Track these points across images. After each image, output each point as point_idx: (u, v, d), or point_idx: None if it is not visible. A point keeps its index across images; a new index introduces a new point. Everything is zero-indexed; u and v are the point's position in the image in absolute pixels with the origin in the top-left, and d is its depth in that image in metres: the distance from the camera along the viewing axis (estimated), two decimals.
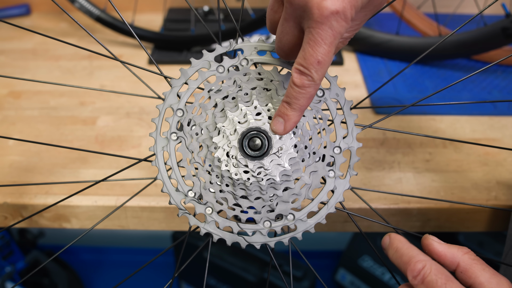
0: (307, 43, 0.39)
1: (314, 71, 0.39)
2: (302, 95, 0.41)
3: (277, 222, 0.48)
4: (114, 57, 0.52)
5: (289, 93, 0.41)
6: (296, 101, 0.41)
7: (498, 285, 0.38)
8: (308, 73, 0.39)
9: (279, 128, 0.43)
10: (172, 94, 0.47)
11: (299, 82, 0.40)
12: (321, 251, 1.48)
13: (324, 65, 0.39)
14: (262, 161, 0.45)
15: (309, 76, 0.39)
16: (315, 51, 0.38)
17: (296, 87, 0.40)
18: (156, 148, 0.48)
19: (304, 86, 0.40)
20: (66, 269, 1.39)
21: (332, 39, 0.38)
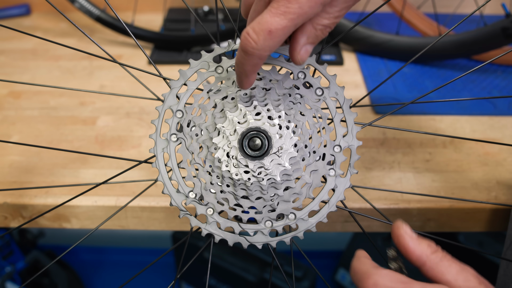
0: (268, 10, 0.37)
1: (262, 38, 0.36)
2: (245, 61, 0.39)
3: (278, 221, 0.48)
4: (113, 60, 0.52)
5: (237, 54, 0.39)
6: (241, 65, 0.39)
7: (465, 281, 0.37)
8: (254, 38, 0.37)
9: (237, 83, 0.42)
10: (171, 95, 0.47)
11: (243, 46, 0.37)
12: (321, 251, 1.48)
13: (275, 37, 0.36)
14: (263, 161, 0.45)
15: (253, 42, 0.37)
16: (272, 19, 0.36)
17: (241, 51, 0.38)
18: (156, 150, 0.48)
19: (248, 52, 0.38)
20: (66, 269, 1.39)
21: (296, 15, 0.36)
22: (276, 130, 0.45)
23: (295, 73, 0.46)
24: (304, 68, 0.46)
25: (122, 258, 1.54)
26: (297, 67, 0.46)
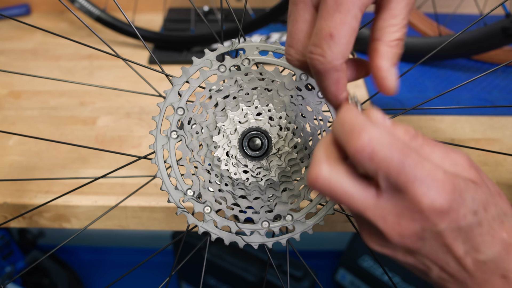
0: (319, 17, 0.32)
1: (326, 47, 0.32)
2: (324, 82, 0.34)
3: (275, 222, 0.48)
4: (116, 55, 0.52)
5: (316, 81, 0.35)
6: (324, 91, 0.35)
7: (452, 166, 0.32)
8: (318, 51, 0.32)
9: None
10: (173, 92, 0.47)
11: (312, 65, 0.33)
12: (321, 251, 1.48)
13: (340, 38, 0.31)
14: (262, 161, 0.45)
15: (319, 56, 0.32)
16: (326, 22, 0.31)
17: (315, 75, 0.34)
18: (156, 146, 0.48)
19: (320, 72, 0.33)
20: (66, 269, 1.39)
21: (350, 5, 0.31)
22: (276, 130, 0.45)
23: (298, 75, 0.46)
24: None
25: (122, 258, 1.54)
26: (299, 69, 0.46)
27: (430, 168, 0.31)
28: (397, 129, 0.33)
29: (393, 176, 0.30)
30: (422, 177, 0.30)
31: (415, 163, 0.30)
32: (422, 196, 0.30)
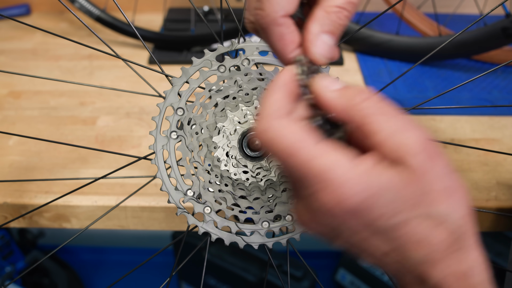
0: None
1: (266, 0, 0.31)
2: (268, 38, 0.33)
3: (275, 222, 0.48)
4: (116, 55, 0.52)
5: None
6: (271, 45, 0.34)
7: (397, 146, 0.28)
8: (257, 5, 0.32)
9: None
10: (173, 92, 0.47)
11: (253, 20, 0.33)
12: (321, 251, 1.48)
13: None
14: (262, 161, 0.45)
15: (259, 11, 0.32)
16: None
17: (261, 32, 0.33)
18: (156, 147, 0.48)
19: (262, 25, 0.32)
20: (66, 269, 1.39)
21: None
22: None
23: None
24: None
25: (122, 258, 1.54)
26: None
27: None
28: (345, 92, 0.30)
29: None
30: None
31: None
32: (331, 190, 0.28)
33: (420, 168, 0.28)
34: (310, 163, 0.28)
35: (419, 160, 0.28)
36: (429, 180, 0.28)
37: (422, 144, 0.29)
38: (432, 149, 0.29)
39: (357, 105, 0.29)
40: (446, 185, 0.29)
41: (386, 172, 0.28)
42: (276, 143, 0.29)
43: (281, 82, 0.31)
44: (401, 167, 0.28)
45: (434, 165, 0.29)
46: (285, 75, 0.32)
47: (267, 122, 0.30)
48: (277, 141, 0.29)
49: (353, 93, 0.30)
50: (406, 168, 0.28)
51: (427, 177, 0.28)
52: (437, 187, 0.29)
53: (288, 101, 0.31)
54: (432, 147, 0.29)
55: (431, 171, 0.29)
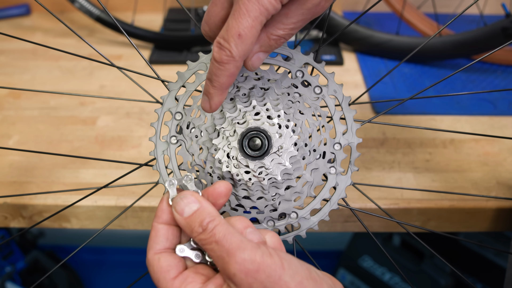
0: (232, 15, 0.37)
1: (233, 44, 0.37)
2: (221, 72, 0.39)
3: (280, 221, 0.48)
4: (111, 63, 0.52)
5: (210, 69, 0.39)
6: (216, 78, 0.39)
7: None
8: (227, 46, 0.37)
9: (205, 106, 0.42)
10: (170, 97, 0.47)
11: (217, 57, 0.38)
12: (321, 251, 1.48)
13: (246, 40, 0.37)
14: (263, 160, 0.45)
15: (227, 51, 0.37)
16: (237, 23, 0.36)
17: (216, 63, 0.38)
18: (157, 152, 0.48)
19: (223, 62, 0.38)
20: (66, 269, 1.39)
21: (258, 13, 0.36)
22: (275, 129, 0.44)
23: (293, 72, 0.46)
24: (302, 66, 0.46)
25: (122, 258, 1.54)
26: (295, 66, 0.46)
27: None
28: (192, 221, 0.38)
29: None
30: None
31: None
32: None
33: (244, 285, 0.34)
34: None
35: (239, 279, 0.34)
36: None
37: (239, 265, 0.34)
38: (249, 265, 0.34)
39: (195, 237, 0.38)
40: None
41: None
42: (150, 272, 0.39)
43: (158, 213, 0.41)
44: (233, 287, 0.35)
45: (254, 279, 0.34)
46: (161, 204, 0.41)
47: (147, 255, 0.39)
48: (150, 270, 0.39)
49: (194, 224, 0.38)
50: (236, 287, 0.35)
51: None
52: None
53: (165, 236, 0.40)
54: (248, 263, 0.34)
55: (254, 285, 0.34)
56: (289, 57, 0.46)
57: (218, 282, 0.36)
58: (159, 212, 0.41)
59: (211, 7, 0.40)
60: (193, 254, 0.40)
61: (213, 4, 0.40)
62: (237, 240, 0.36)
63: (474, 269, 1.17)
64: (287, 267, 0.34)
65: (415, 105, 0.85)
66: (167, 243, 0.40)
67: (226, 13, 0.39)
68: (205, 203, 0.39)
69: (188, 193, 0.40)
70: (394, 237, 1.25)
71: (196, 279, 0.37)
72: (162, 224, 0.40)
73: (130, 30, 1.02)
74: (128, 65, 0.98)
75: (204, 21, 0.41)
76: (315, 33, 1.06)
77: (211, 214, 0.38)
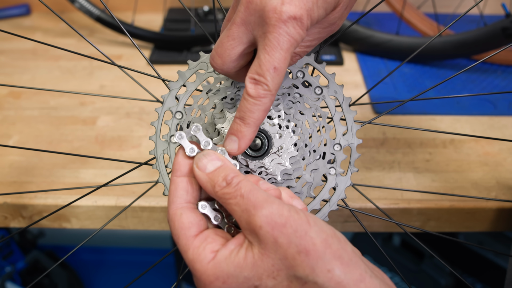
0: (263, 49, 0.36)
1: (270, 78, 0.36)
2: (258, 107, 0.38)
3: None
4: (112, 62, 0.52)
5: (243, 106, 0.38)
6: (251, 114, 0.38)
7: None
8: (264, 81, 0.36)
9: (233, 147, 0.40)
10: (171, 97, 0.47)
11: (254, 93, 0.37)
12: None
13: (281, 72, 0.36)
14: (263, 160, 0.45)
15: (264, 85, 0.36)
16: (271, 57, 0.36)
17: (251, 99, 0.37)
18: (157, 152, 0.48)
19: (260, 97, 0.37)
20: (66, 269, 1.39)
21: (289, 45, 0.36)
22: (275, 129, 0.44)
23: (294, 73, 0.46)
24: (303, 67, 0.46)
25: (122, 258, 1.54)
26: (296, 66, 0.46)
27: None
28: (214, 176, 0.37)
29: None
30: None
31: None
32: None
33: (269, 239, 0.33)
34: (184, 254, 0.37)
35: (265, 232, 0.33)
36: (281, 247, 0.33)
37: (267, 217, 0.33)
38: (276, 218, 0.33)
39: (217, 192, 0.36)
40: (299, 248, 0.33)
41: (240, 254, 0.34)
42: (171, 227, 0.38)
43: (176, 166, 0.39)
44: (255, 243, 0.34)
45: (280, 233, 0.33)
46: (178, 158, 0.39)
47: (169, 209, 0.38)
48: (171, 226, 0.38)
49: (216, 179, 0.37)
50: (259, 242, 0.34)
51: (278, 245, 0.33)
52: (290, 252, 0.33)
53: (185, 189, 0.39)
54: (276, 216, 0.33)
55: (280, 239, 0.33)
56: None
57: (238, 242, 0.35)
58: (176, 166, 0.39)
59: (227, 41, 0.38)
60: (213, 215, 0.39)
61: (229, 38, 0.38)
62: (263, 194, 0.35)
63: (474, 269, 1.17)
64: (313, 223, 0.34)
65: (415, 105, 0.85)
66: (187, 196, 0.39)
67: (243, 49, 0.39)
68: (228, 161, 0.39)
69: (211, 151, 0.39)
70: (394, 237, 1.25)
71: (216, 240, 0.36)
72: (181, 177, 0.39)
73: (130, 30, 1.02)
74: (128, 65, 0.98)
75: (217, 54, 0.39)
76: None
77: (234, 170, 0.37)
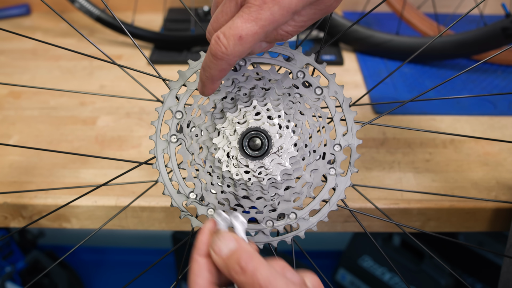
0: (240, 15, 0.36)
1: (232, 43, 0.36)
2: (214, 65, 0.38)
3: (279, 221, 0.48)
4: (112, 61, 0.52)
5: (205, 58, 0.39)
6: (208, 69, 0.39)
7: None
8: (225, 43, 0.37)
9: (199, 89, 0.42)
10: (171, 96, 0.47)
11: (213, 50, 0.37)
12: (321, 251, 1.48)
13: (245, 43, 0.36)
14: (263, 160, 0.45)
15: (223, 47, 0.37)
16: (243, 25, 0.36)
17: (210, 55, 0.38)
18: (157, 151, 0.48)
19: (217, 57, 0.38)
20: (66, 269, 1.39)
21: (267, 23, 0.36)
22: (276, 129, 0.44)
23: (294, 73, 0.46)
24: (303, 67, 0.46)
25: (122, 258, 1.54)
26: (297, 66, 0.46)
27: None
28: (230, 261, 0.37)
29: None
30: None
31: None
32: None
33: None
34: None
35: None
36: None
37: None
38: None
39: (236, 279, 0.36)
40: None
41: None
42: None
43: (199, 245, 0.39)
44: None
45: None
46: (202, 236, 0.40)
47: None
48: None
49: (232, 265, 0.36)
50: None
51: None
52: None
53: (208, 269, 0.38)
54: None
55: None
56: (290, 58, 0.46)
57: None
58: (200, 244, 0.39)
59: (221, 16, 0.39)
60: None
61: (223, 14, 0.39)
62: (283, 284, 0.34)
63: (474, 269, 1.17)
64: None
65: (415, 106, 0.85)
66: (211, 276, 0.38)
67: None
68: (243, 241, 0.38)
69: (225, 233, 0.39)
70: (394, 237, 1.25)
71: None
72: (203, 257, 0.39)
73: (130, 30, 1.02)
74: (128, 64, 0.98)
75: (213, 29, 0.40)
76: (315, 33, 1.06)
77: (249, 252, 0.36)
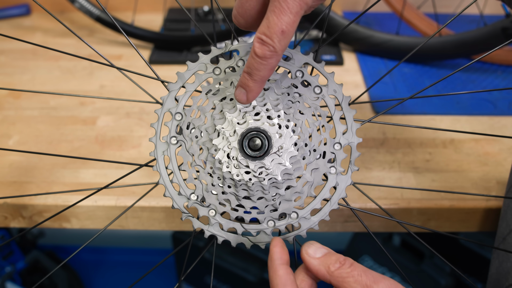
0: (272, 11, 0.37)
1: (277, 40, 0.38)
2: (264, 66, 0.40)
3: (280, 221, 0.48)
4: (110, 64, 0.52)
5: (250, 63, 0.40)
6: (257, 72, 0.40)
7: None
8: (270, 42, 0.38)
9: (242, 98, 0.43)
10: (170, 98, 0.47)
11: (260, 52, 0.39)
12: None
13: (288, 35, 0.38)
14: (263, 161, 0.45)
15: (271, 46, 0.38)
16: (280, 20, 0.37)
17: (257, 58, 0.39)
18: (157, 153, 0.48)
19: (266, 57, 0.39)
20: (66, 269, 1.39)
21: (299, 8, 0.37)
22: (275, 129, 0.44)
23: (293, 72, 0.46)
24: (302, 66, 0.46)
25: (122, 258, 1.54)
26: (295, 66, 0.46)
27: None
28: (324, 261, 0.41)
29: None
30: None
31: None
32: None
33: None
34: None
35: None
36: None
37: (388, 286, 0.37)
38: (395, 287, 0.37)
39: (333, 272, 0.40)
40: None
41: None
42: None
43: (277, 255, 0.42)
44: None
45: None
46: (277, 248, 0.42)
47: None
48: None
49: (329, 262, 0.40)
50: None
51: None
52: None
53: (289, 272, 0.41)
54: (394, 286, 0.37)
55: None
56: (289, 57, 0.46)
57: None
58: (278, 255, 0.42)
59: (246, 1, 0.40)
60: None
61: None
62: (376, 273, 0.39)
63: (474, 269, 1.17)
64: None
65: (415, 105, 0.85)
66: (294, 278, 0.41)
67: (262, 6, 0.40)
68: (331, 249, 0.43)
69: (315, 242, 0.43)
70: (394, 237, 1.25)
71: None
72: (286, 264, 0.42)
73: (130, 30, 1.02)
74: (128, 65, 0.98)
75: (239, 14, 0.42)
76: (314, 33, 1.06)
77: (341, 255, 0.41)
